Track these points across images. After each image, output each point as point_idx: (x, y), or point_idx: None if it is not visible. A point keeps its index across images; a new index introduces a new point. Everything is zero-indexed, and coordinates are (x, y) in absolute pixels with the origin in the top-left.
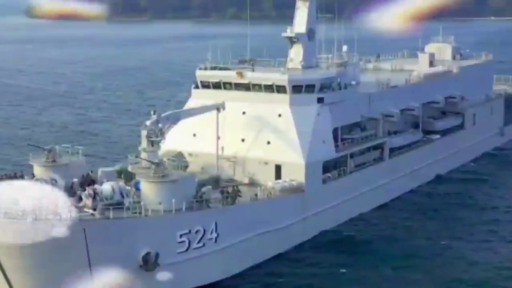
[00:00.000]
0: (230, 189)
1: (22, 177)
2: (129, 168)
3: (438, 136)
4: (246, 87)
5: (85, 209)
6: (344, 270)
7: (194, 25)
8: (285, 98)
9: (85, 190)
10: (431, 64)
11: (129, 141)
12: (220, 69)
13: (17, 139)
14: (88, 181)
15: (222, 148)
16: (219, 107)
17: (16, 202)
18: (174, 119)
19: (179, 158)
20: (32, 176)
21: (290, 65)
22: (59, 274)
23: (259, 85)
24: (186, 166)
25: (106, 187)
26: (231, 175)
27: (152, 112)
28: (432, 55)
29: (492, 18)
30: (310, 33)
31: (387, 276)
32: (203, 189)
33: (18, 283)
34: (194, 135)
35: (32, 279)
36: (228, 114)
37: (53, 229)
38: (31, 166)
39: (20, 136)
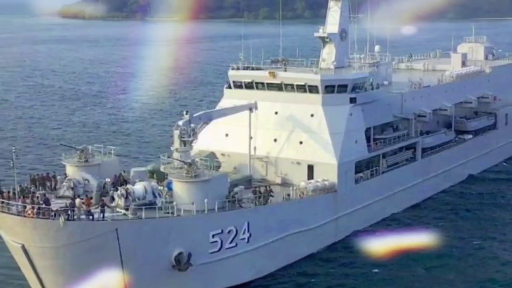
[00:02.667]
0: (262, 189)
1: (54, 177)
2: (162, 168)
3: (471, 136)
4: (279, 87)
5: (118, 209)
6: (376, 270)
7: (227, 25)
8: (317, 98)
9: (117, 190)
10: (464, 64)
11: (161, 141)
12: (253, 69)
13: (49, 139)
14: (121, 181)
15: (255, 148)
16: (251, 107)
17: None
18: (207, 119)
19: (211, 158)
20: (65, 176)
21: (322, 65)
22: (91, 274)
23: (292, 85)
24: (219, 166)
25: (138, 187)
26: (263, 175)
27: (184, 112)
28: (464, 55)
29: None
30: (343, 33)
31: (420, 276)
32: (236, 189)
33: (50, 283)
34: (227, 135)
35: (64, 279)
36: (260, 114)
37: (86, 230)
38: (64, 166)
39: (53, 136)
